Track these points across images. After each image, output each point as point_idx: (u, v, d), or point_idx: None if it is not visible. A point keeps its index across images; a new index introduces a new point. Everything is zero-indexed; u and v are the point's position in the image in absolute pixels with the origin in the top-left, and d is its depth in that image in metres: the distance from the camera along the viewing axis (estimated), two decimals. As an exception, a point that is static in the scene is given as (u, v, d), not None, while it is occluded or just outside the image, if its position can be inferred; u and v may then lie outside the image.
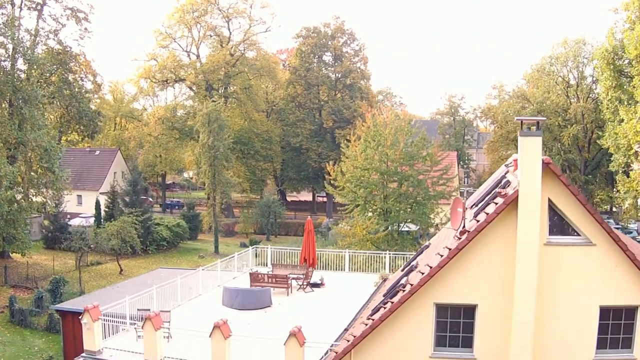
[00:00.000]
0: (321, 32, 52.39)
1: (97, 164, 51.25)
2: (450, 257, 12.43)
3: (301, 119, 51.01)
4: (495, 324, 12.55)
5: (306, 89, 51.21)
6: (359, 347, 12.97)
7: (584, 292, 12.43)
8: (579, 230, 12.51)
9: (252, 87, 49.66)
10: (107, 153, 52.29)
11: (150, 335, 14.27)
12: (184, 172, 71.27)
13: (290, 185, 52.98)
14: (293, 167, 51.77)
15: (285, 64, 58.07)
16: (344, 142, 31.65)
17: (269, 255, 23.75)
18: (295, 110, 51.71)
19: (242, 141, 47.83)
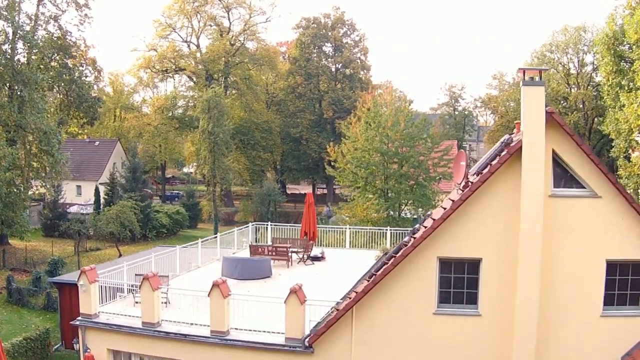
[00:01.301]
0: (321, 23, 52.30)
1: (97, 154, 51.07)
2: (453, 208, 12.25)
3: (301, 110, 50.84)
4: (501, 279, 12.36)
5: (306, 79, 51.05)
6: (362, 304, 12.78)
7: (590, 246, 12.25)
8: (584, 182, 12.33)
9: (252, 78, 49.50)
10: (106, 144, 52.11)
11: (147, 295, 14.04)
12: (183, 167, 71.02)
13: (290, 175, 52.75)
14: (293, 157, 51.57)
15: (285, 57, 57.95)
16: (345, 124, 31.44)
17: (269, 233, 23.54)
18: (296, 100, 51.55)
19: (242, 131, 47.62)
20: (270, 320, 14.00)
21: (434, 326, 12.56)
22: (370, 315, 12.80)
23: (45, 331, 19.60)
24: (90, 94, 36.83)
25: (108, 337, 14.52)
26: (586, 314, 12.36)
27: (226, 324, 13.62)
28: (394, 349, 12.75)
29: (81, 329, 14.81)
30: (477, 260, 12.52)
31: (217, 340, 13.54)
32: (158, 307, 14.27)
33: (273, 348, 13.24)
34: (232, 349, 13.54)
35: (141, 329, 14.16)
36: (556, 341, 12.32)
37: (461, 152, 13.39)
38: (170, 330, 14.05)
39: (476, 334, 12.48)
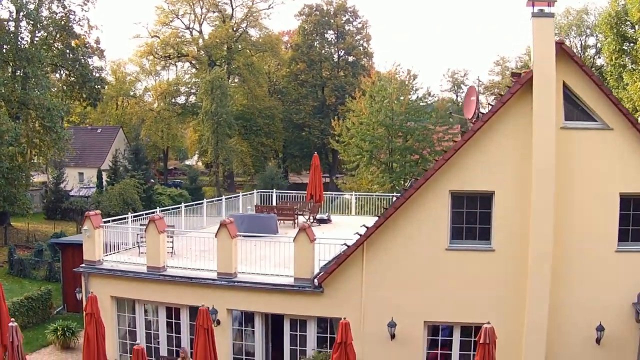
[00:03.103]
0: (323, 10, 52.27)
1: (99, 141, 50.90)
2: (465, 139, 12.05)
3: (304, 96, 50.72)
4: (514, 213, 12.16)
5: (309, 65, 50.98)
6: (373, 240, 12.56)
7: (604, 179, 12.06)
8: (595, 115, 12.16)
9: (254, 65, 49.41)
10: (109, 131, 51.96)
11: (153, 239, 13.84)
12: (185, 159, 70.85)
13: (293, 162, 52.54)
14: (296, 144, 51.42)
15: (288, 46, 57.94)
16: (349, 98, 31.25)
17: (274, 200, 23.31)
18: (298, 87, 51.46)
19: (244, 117, 47.47)
20: (278, 267, 13.80)
21: (447, 262, 12.35)
22: (382, 252, 12.58)
23: (47, 292, 19.35)
24: (94, 74, 36.74)
25: (112, 283, 14.31)
26: (601, 249, 12.15)
27: (233, 265, 13.41)
28: (405, 286, 12.52)
29: (84, 276, 14.61)
30: (490, 193, 12.31)
31: (224, 283, 13.33)
32: (164, 250, 14.07)
33: (282, 288, 13.03)
34: (239, 291, 13.33)
35: (146, 274, 13.95)
36: (571, 276, 12.11)
37: (472, 87, 13.20)
38: (176, 274, 13.87)
39: (490, 270, 12.26)
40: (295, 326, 13.30)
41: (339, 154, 31.91)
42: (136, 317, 14.48)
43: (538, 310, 11.87)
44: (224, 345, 13.23)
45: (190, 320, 13.86)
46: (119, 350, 14.83)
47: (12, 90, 30.60)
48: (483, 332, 10.46)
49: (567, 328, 12.13)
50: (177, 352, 14.17)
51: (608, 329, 12.00)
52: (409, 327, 12.45)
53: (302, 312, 12.99)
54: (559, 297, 12.05)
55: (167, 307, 14.14)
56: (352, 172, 30.54)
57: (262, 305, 13.21)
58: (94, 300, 12.71)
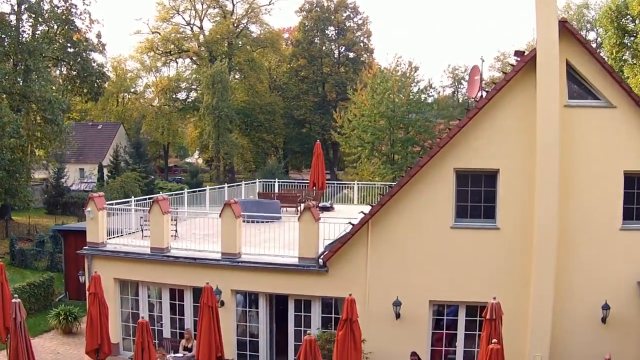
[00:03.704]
0: (324, 6, 52.34)
1: (100, 137, 50.87)
2: (470, 117, 12.05)
3: (304, 92, 50.74)
4: (519, 191, 12.16)
5: (309, 61, 51.03)
6: (377, 218, 12.53)
7: (607, 157, 12.06)
8: (598, 93, 12.16)
9: (255, 60, 49.45)
10: (109, 127, 51.94)
11: (157, 219, 13.80)
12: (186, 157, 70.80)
13: (294, 158, 52.52)
14: (296, 140, 51.44)
15: (288, 43, 58.01)
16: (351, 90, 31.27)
17: (276, 189, 23.29)
18: (299, 83, 51.51)
19: (245, 113, 47.46)
20: (282, 248, 13.76)
21: (452, 240, 12.33)
22: (386, 231, 12.55)
23: (49, 278, 19.31)
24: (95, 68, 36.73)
25: (115, 265, 14.27)
26: (605, 227, 12.14)
27: (238, 245, 13.38)
28: (410, 264, 12.49)
29: (87, 258, 14.56)
30: (495, 171, 12.30)
31: (228, 263, 13.29)
32: (168, 231, 14.03)
33: (286, 268, 13.00)
34: (243, 272, 13.30)
35: (150, 255, 13.92)
36: (576, 254, 12.08)
37: (475, 66, 13.23)
38: (180, 255, 13.83)
39: (495, 248, 12.24)
40: (300, 307, 13.27)
41: (340, 146, 31.92)
42: (139, 299, 14.45)
43: (544, 289, 11.84)
44: (228, 326, 13.19)
45: (194, 301, 13.83)
46: (122, 333, 14.81)
47: (14, 82, 30.59)
48: (489, 307, 10.44)
49: (572, 307, 12.11)
50: (181, 334, 14.18)
51: (613, 307, 11.99)
52: (414, 306, 12.42)
53: (306, 292, 12.96)
54: (564, 275, 12.03)
55: (170, 289, 14.12)
56: (354, 164, 30.55)
57: (266, 285, 13.19)
58: (98, 280, 12.68)
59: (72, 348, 15.62)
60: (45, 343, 15.91)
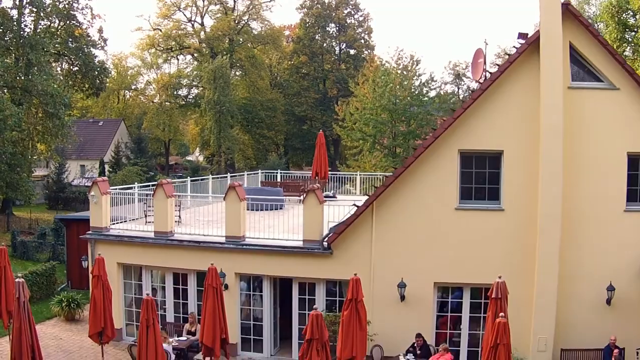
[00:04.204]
0: (325, 3, 52.35)
1: (101, 134, 50.83)
2: (474, 98, 12.06)
3: (305, 88, 50.72)
4: (523, 172, 12.17)
5: (310, 58, 51.04)
6: (382, 200, 12.53)
7: (611, 139, 12.09)
8: (602, 75, 12.19)
9: (256, 57, 49.48)
10: (110, 123, 51.91)
11: (161, 203, 13.79)
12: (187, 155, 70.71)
13: (295, 155, 52.48)
14: (297, 137, 51.41)
15: (289, 40, 58.04)
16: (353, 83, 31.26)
17: (278, 179, 23.28)
18: (300, 80, 51.50)
19: (246, 109, 47.46)
20: (286, 233, 13.75)
21: (456, 222, 12.34)
22: (391, 213, 12.55)
23: (51, 267, 19.26)
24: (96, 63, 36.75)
25: (118, 250, 14.26)
26: (609, 209, 12.16)
27: (242, 228, 13.38)
28: (415, 246, 12.49)
29: (90, 243, 14.55)
30: (499, 153, 12.31)
31: (232, 246, 13.28)
32: (172, 215, 14.02)
33: (291, 251, 12.99)
34: (248, 255, 13.29)
35: (153, 239, 13.91)
36: (580, 235, 12.10)
37: (479, 49, 13.21)
38: (184, 239, 13.82)
39: (499, 229, 12.24)
40: (304, 290, 13.27)
41: (343, 139, 31.91)
42: (143, 284, 14.42)
43: (548, 270, 11.84)
44: (232, 310, 13.16)
45: (198, 285, 13.84)
46: (125, 319, 14.78)
47: (15, 76, 30.60)
48: (495, 286, 10.41)
49: (577, 288, 12.11)
50: (185, 319, 14.14)
51: (618, 289, 11.98)
52: (419, 288, 12.41)
53: (311, 275, 12.95)
54: (568, 257, 12.03)
55: (174, 273, 14.11)
56: (355, 157, 30.56)
57: (270, 268, 13.18)
58: (102, 263, 12.66)
59: (75, 334, 15.56)
60: (48, 329, 15.85)
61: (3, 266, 14.72)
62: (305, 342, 8.91)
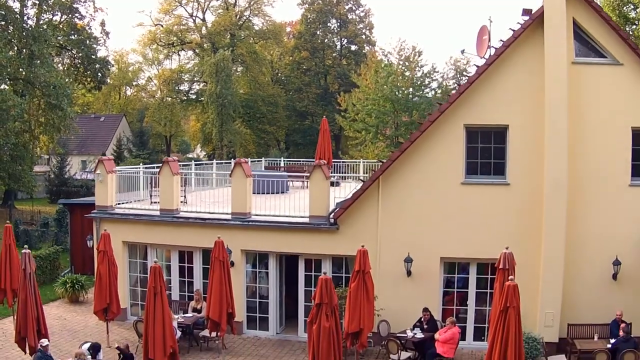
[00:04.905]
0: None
1: (102, 129, 50.83)
2: (479, 73, 12.08)
3: (307, 84, 50.77)
4: (528, 147, 12.19)
5: (312, 53, 51.11)
6: (388, 174, 12.54)
7: (615, 114, 12.12)
8: (605, 51, 12.21)
9: (257, 53, 49.56)
10: (112, 119, 51.94)
11: (167, 181, 13.79)
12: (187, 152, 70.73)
13: (296, 151, 52.43)
14: (299, 132, 51.42)
15: (290, 36, 58.15)
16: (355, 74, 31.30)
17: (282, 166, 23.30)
18: (301, 75, 51.57)
19: (248, 105, 47.49)
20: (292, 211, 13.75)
21: (462, 196, 12.34)
22: (397, 187, 12.55)
23: (55, 251, 19.25)
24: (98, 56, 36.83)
25: (124, 228, 14.25)
26: (615, 183, 12.16)
27: (248, 205, 13.38)
28: (421, 221, 12.49)
29: (96, 222, 14.54)
30: (504, 127, 12.33)
31: (238, 223, 13.28)
32: (177, 193, 14.01)
33: (297, 226, 12.99)
34: (254, 231, 13.29)
35: (159, 217, 13.90)
36: (586, 210, 12.11)
37: (484, 26, 13.22)
38: (190, 216, 13.81)
39: (505, 204, 12.25)
40: (310, 267, 13.25)
41: (345, 130, 31.95)
42: (148, 263, 14.38)
43: (554, 245, 11.85)
44: (238, 287, 13.14)
45: (204, 263, 13.83)
46: (130, 298, 14.76)
47: (18, 67, 30.65)
48: (502, 257, 10.43)
49: (583, 263, 12.11)
50: (190, 297, 14.12)
51: (624, 263, 11.97)
52: (426, 263, 12.41)
53: (317, 251, 12.94)
54: (574, 231, 12.03)
55: (179, 251, 14.10)
56: (358, 148, 30.61)
57: (276, 245, 13.17)
58: (107, 238, 12.70)
59: (79, 315, 15.54)
60: (52, 310, 15.81)
61: (8, 244, 14.75)
62: (314, 306, 8.91)
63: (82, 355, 10.27)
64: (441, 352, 11.31)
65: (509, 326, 8.54)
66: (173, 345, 9.95)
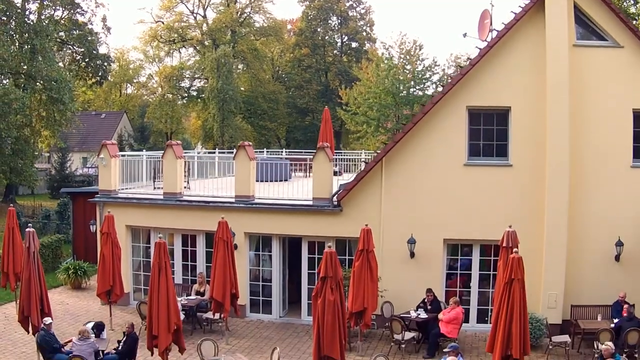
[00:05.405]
0: (326, -4, 52.79)
1: (103, 126, 50.81)
2: (482, 54, 12.14)
3: (307, 80, 50.90)
4: (530, 129, 12.24)
5: (312, 50, 51.24)
6: (391, 156, 12.58)
7: (616, 96, 12.18)
8: (606, 34, 12.27)
9: (258, 50, 49.68)
10: (113, 116, 51.96)
11: (171, 165, 13.82)
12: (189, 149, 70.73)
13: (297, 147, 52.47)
14: (299, 129, 51.49)
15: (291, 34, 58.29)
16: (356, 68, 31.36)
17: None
18: (302, 72, 51.70)
19: (248, 101, 47.59)
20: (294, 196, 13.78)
21: (465, 178, 12.37)
22: (400, 169, 12.59)
23: (57, 240, 19.27)
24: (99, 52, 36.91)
25: (127, 212, 14.26)
26: (616, 165, 12.20)
27: (252, 187, 13.41)
28: (424, 203, 12.53)
29: (99, 206, 14.56)
30: (506, 109, 12.37)
31: (242, 205, 13.31)
32: (181, 176, 14.05)
33: (300, 209, 13.02)
34: (257, 214, 13.33)
35: (163, 200, 13.93)
36: (588, 192, 12.15)
37: (485, 10, 13.24)
38: (193, 199, 13.84)
39: (508, 185, 12.29)
40: (314, 249, 13.27)
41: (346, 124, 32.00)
42: (151, 247, 14.40)
43: (557, 225, 11.89)
44: (242, 270, 13.15)
45: (207, 247, 13.85)
46: (133, 283, 14.76)
47: (20, 62, 30.71)
48: (505, 235, 10.48)
49: (586, 244, 12.14)
50: (193, 281, 14.12)
51: (626, 245, 11.99)
52: (429, 245, 12.44)
53: (320, 233, 12.94)
54: (577, 213, 12.07)
55: (182, 235, 14.12)
56: (359, 141, 30.66)
57: (280, 227, 13.19)
58: (111, 220, 12.72)
59: (81, 300, 15.57)
60: (54, 296, 15.78)
61: (11, 227, 14.84)
62: (319, 280, 8.91)
63: (86, 332, 10.27)
64: (445, 332, 11.33)
65: (513, 299, 8.55)
66: (177, 322, 9.93)
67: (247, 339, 12.50)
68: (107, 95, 54.60)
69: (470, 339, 12.36)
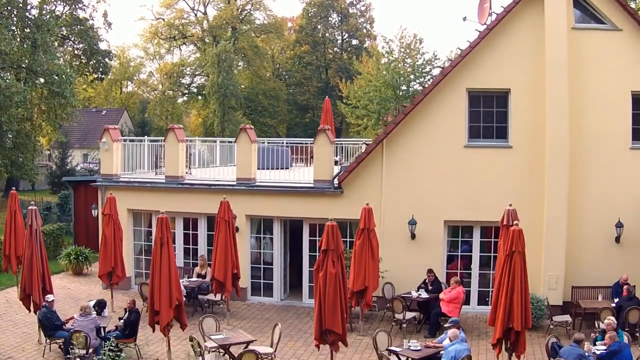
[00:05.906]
0: (327, -7, 52.95)
1: (104, 123, 49.93)
2: (481, 37, 12.23)
3: (308, 77, 51.06)
4: (530, 110, 12.34)
5: (313, 47, 51.40)
6: (392, 138, 12.65)
7: (615, 78, 12.28)
8: (604, 17, 12.35)
9: (258, 47, 49.82)
10: (113, 113, 51.96)
11: (172, 148, 13.87)
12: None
13: (297, 144, 52.76)
14: (300, 126, 51.59)
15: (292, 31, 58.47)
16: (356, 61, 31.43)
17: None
18: (302, 69, 51.86)
19: (249, 98, 47.70)
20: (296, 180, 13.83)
21: (465, 160, 12.44)
22: (401, 151, 12.65)
23: (58, 228, 19.30)
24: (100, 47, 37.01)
25: (129, 196, 14.31)
26: (615, 147, 12.29)
27: (253, 170, 13.46)
28: (424, 184, 12.58)
29: (101, 190, 14.61)
30: (506, 91, 12.44)
31: (243, 187, 13.36)
32: (183, 160, 14.10)
33: (301, 191, 13.08)
34: (259, 196, 13.39)
35: (164, 184, 13.99)
36: (587, 173, 12.22)
37: (485, -4, 13.33)
38: (195, 182, 13.89)
39: (508, 167, 12.35)
40: (315, 232, 13.30)
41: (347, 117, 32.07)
42: (153, 231, 14.43)
43: (557, 206, 11.95)
44: (243, 253, 13.18)
45: (208, 230, 13.90)
46: (134, 267, 14.80)
47: (21, 56, 30.76)
48: (505, 213, 10.52)
49: (586, 226, 12.21)
50: (195, 264, 14.15)
51: (626, 227, 12.04)
52: (429, 226, 12.50)
53: (321, 215, 12.89)
54: (577, 194, 12.14)
55: (184, 218, 14.16)
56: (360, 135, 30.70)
57: (281, 209, 13.25)
58: (113, 202, 12.77)
59: (83, 285, 15.63)
60: (55, 281, 15.67)
61: (13, 210, 14.89)
62: (320, 253, 8.95)
63: (88, 308, 10.32)
64: (446, 311, 11.36)
65: (514, 271, 8.57)
66: (179, 298, 9.95)
67: (248, 320, 12.54)
68: (107, 93, 54.72)
69: (471, 320, 12.39)
